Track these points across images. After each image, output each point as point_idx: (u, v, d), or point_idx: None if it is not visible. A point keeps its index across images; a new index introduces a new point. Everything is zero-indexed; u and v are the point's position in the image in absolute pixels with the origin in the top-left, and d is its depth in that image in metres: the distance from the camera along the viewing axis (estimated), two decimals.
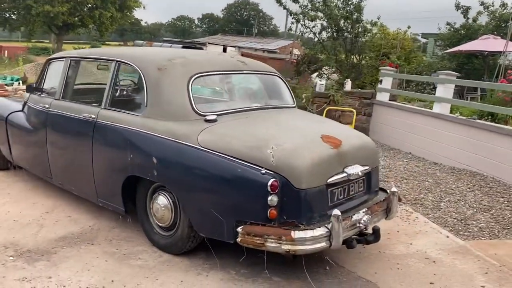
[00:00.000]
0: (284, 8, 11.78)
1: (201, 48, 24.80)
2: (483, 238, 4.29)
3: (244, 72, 4.08)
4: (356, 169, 3.34)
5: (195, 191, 3.28)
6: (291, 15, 11.76)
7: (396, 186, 5.69)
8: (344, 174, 3.27)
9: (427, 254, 3.84)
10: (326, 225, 3.02)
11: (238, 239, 3.06)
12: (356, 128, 10.17)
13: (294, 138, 3.30)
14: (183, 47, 19.84)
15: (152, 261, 3.49)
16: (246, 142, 3.20)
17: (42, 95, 4.76)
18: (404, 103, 10.16)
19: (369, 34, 12.00)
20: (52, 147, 4.43)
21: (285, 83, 4.43)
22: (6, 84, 11.73)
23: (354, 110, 8.19)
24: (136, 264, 3.43)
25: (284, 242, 2.93)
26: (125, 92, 4.09)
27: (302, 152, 3.12)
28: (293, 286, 3.22)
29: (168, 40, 29.74)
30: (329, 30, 11.80)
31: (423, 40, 25.91)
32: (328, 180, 3.16)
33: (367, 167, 3.52)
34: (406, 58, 17.12)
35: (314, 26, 11.89)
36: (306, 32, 12.11)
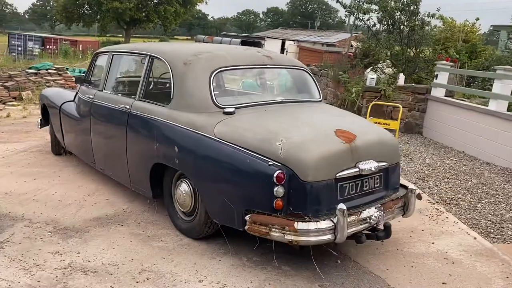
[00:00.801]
0: (337, 1, 11.62)
1: (259, 43, 25.46)
2: None
3: (268, 66, 4.17)
4: (369, 165, 3.33)
5: (209, 179, 3.45)
6: (344, 8, 11.58)
7: (434, 185, 5.56)
8: (356, 169, 3.28)
9: (448, 254, 3.74)
10: (331, 219, 3.06)
11: (246, 227, 3.18)
12: (408, 124, 9.91)
13: (305, 132, 3.36)
14: (241, 42, 20.47)
15: (172, 244, 3.71)
16: (257, 134, 3.31)
17: (89, 86, 5.15)
18: (460, 100, 9.70)
19: (427, 27, 11.50)
20: (95, 134, 4.81)
21: (312, 77, 4.47)
22: (74, 76, 12.64)
23: (400, 106, 7.96)
24: (157, 246, 3.67)
25: (288, 232, 3.02)
26: (157, 85, 4.33)
27: (310, 146, 3.18)
28: (300, 276, 3.29)
29: (228, 35, 30.38)
30: (384, 22, 11.48)
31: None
32: (337, 174, 3.19)
33: (383, 163, 3.50)
34: (472, 52, 16.24)
35: (368, 19, 11.63)
36: (361, 25, 11.86)
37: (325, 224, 3.04)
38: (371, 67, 12.73)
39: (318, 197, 3.12)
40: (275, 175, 3.03)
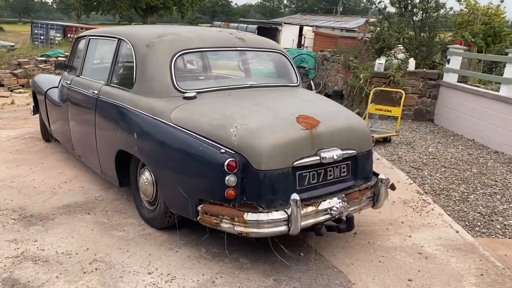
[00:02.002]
0: None
1: (276, 29, 25.05)
2: (501, 237, 3.80)
3: (238, 48, 3.96)
4: (332, 153, 3.11)
5: (165, 167, 3.31)
6: None
7: (429, 175, 5.27)
8: (317, 158, 3.07)
9: (423, 249, 3.50)
10: (286, 209, 2.88)
11: (198, 218, 3.03)
12: (418, 111, 9.52)
13: (264, 118, 3.16)
14: (258, 28, 20.24)
15: (133, 234, 3.60)
16: (213, 120, 3.13)
17: (70, 72, 5.07)
18: (474, 85, 9.22)
19: (442, 9, 10.96)
20: (72, 121, 4.73)
21: (289, 60, 4.24)
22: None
23: (403, 92, 7.59)
24: (117, 235, 3.57)
25: (237, 223, 2.85)
26: (124, 70, 4.19)
27: (265, 132, 2.98)
28: (256, 269, 3.13)
29: (244, 21, 29.99)
30: (396, 5, 11.01)
31: None
32: (295, 163, 2.99)
33: (351, 151, 3.28)
34: (495, 36, 15.46)
35: (380, 2, 11.18)
36: (372, 8, 11.40)
37: (277, 215, 2.86)
38: (384, 52, 12.29)
39: (272, 186, 2.93)
40: (226, 163, 2.85)
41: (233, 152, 2.93)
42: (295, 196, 2.85)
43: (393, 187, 3.68)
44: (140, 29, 4.46)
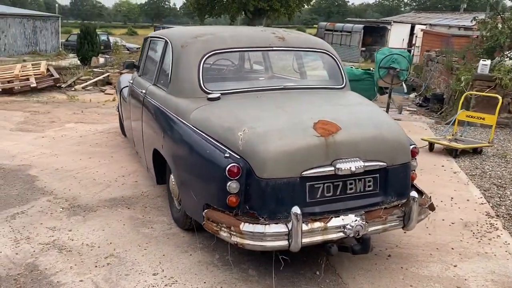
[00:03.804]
0: None
1: (384, 28, 23.95)
2: None
3: (274, 48, 3.76)
4: (350, 164, 2.78)
5: (181, 168, 3.27)
6: None
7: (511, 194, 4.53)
8: (331, 168, 2.77)
9: (465, 283, 2.97)
10: (287, 223, 2.64)
11: (203, 223, 2.94)
12: None
13: (277, 122, 2.93)
14: (364, 28, 19.61)
15: (158, 232, 3.64)
16: (225, 122, 3.01)
17: (136, 71, 5.33)
18: None
19: None
20: (132, 118, 4.97)
21: (336, 61, 3.92)
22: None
23: (499, 97, 6.60)
24: (143, 232, 3.64)
25: (234, 233, 2.70)
26: (166, 70, 4.24)
27: (271, 137, 2.77)
28: (262, 283, 2.94)
29: (351, 21, 29.03)
30: None
31: None
32: (304, 173, 2.73)
33: (378, 163, 2.90)
34: None
35: None
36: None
37: (276, 228, 2.65)
38: (497, 53, 10.93)
39: (276, 197, 2.71)
40: (227, 168, 2.72)
41: (239, 157, 2.78)
42: (295, 209, 2.60)
43: (432, 207, 3.19)
44: (186, 30, 4.50)
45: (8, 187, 4.53)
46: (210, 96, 3.34)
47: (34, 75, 10.77)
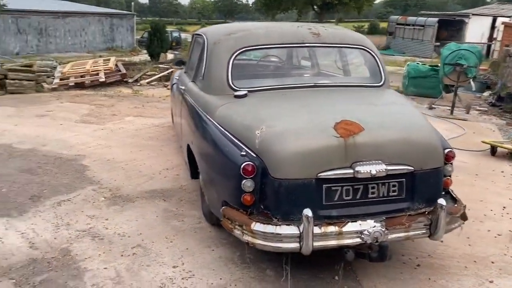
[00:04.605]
0: None
1: (461, 21, 22.55)
2: None
3: (307, 45, 3.67)
4: (371, 167, 2.65)
5: (205, 165, 3.31)
6: None
7: None
8: (349, 171, 2.65)
9: None
10: (299, 225, 2.58)
11: (221, 220, 2.95)
12: None
13: (297, 121, 2.86)
14: (438, 21, 18.68)
15: (187, 225, 3.71)
16: (245, 120, 3.00)
17: (183, 67, 5.48)
18: None
19: None
20: (175, 113, 5.12)
21: (375, 57, 3.74)
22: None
23: None
24: (172, 225, 3.73)
25: (246, 232, 2.68)
26: (202, 66, 4.29)
27: (288, 137, 2.71)
28: (277, 284, 2.90)
29: (425, 14, 27.50)
30: None
31: None
32: (320, 174, 2.64)
33: (404, 167, 2.74)
34: None
35: None
36: None
37: (287, 229, 2.59)
38: None
39: (290, 197, 2.66)
40: (242, 166, 2.70)
41: (255, 155, 2.75)
42: (307, 211, 2.53)
43: (464, 217, 2.94)
44: (223, 26, 4.51)
45: (61, 176, 4.85)
46: (236, 93, 3.34)
47: (104, 70, 11.43)
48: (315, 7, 27.34)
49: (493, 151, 5.94)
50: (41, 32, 21.60)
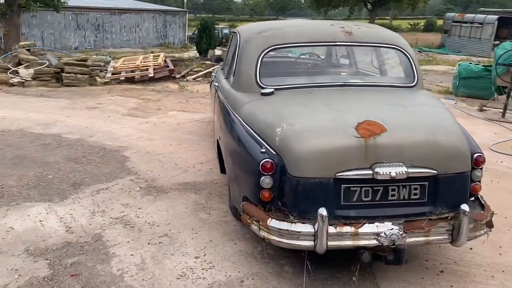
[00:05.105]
0: None
1: None
2: None
3: (338, 43, 3.64)
4: (391, 169, 2.62)
5: (229, 160, 3.38)
6: None
7: None
8: (369, 172, 2.64)
9: None
10: (314, 224, 2.60)
11: (240, 215, 3.02)
12: None
13: (318, 120, 2.87)
14: (499, 19, 17.92)
15: (213, 218, 3.82)
16: (268, 118, 3.04)
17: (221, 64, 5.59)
18: None
19: None
20: (212, 109, 5.24)
21: (408, 57, 3.65)
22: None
23: None
24: (200, 217, 3.84)
25: (262, 227, 2.73)
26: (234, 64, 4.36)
27: (307, 136, 2.73)
28: (294, 280, 2.93)
29: (484, 11, 26.14)
30: None
31: None
32: (338, 174, 2.65)
33: (427, 170, 2.68)
34: None
35: None
36: None
37: (302, 227, 2.62)
38: None
39: (307, 196, 2.68)
40: (261, 163, 2.75)
41: (275, 153, 2.79)
42: (322, 210, 2.54)
43: (490, 224, 2.83)
44: (257, 25, 4.55)
45: (103, 165, 5.12)
46: (263, 91, 3.39)
47: (153, 66, 11.83)
48: (368, 4, 26.75)
49: None
50: (98, 28, 22.64)
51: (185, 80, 12.09)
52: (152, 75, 11.38)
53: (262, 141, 2.92)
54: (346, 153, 2.66)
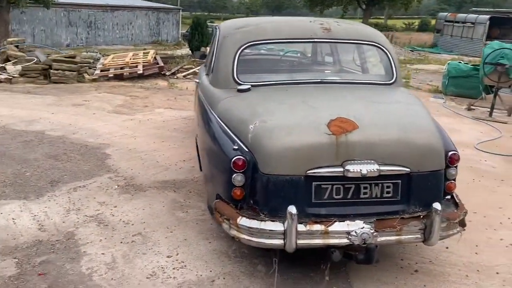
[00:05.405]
0: None
1: None
2: None
3: (316, 40, 3.59)
4: (362, 167, 2.57)
5: (204, 158, 3.33)
6: None
7: None
8: (339, 169, 2.59)
9: None
10: (284, 222, 2.55)
11: (213, 213, 2.97)
12: None
13: (291, 117, 2.82)
14: (490, 19, 17.97)
15: (190, 217, 3.76)
16: (242, 114, 2.99)
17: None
18: None
19: None
20: (194, 105, 5.19)
21: (387, 54, 3.61)
22: None
23: None
24: (177, 215, 3.79)
25: (232, 226, 2.68)
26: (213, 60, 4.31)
27: (279, 132, 2.68)
28: (266, 280, 2.89)
29: (476, 11, 26.22)
30: None
31: None
32: (309, 172, 2.60)
33: (399, 168, 2.65)
34: None
35: None
36: None
37: (272, 226, 2.57)
38: None
39: (277, 193, 2.63)
40: (232, 160, 2.70)
41: (247, 150, 2.75)
42: (291, 208, 2.50)
43: (463, 223, 2.80)
44: (237, 20, 4.50)
45: (83, 163, 5.05)
46: (239, 87, 3.34)
47: (142, 63, 11.74)
48: (362, 3, 26.69)
49: None
50: (90, 25, 22.48)
51: (175, 77, 12.00)
52: (141, 72, 11.28)
53: (235, 138, 2.87)
54: (317, 150, 2.61)
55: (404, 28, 49.79)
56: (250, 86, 3.33)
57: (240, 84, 3.37)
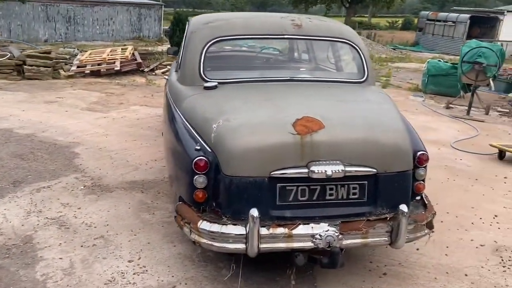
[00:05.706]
0: None
1: (495, 19, 21.80)
2: None
3: (286, 36, 3.49)
4: (327, 167, 2.48)
5: (167, 157, 3.21)
6: None
7: None
8: (304, 170, 2.50)
9: None
10: (246, 226, 2.45)
11: (175, 216, 2.85)
12: None
13: (256, 116, 2.71)
14: (470, 18, 18.06)
15: (156, 219, 3.63)
16: (206, 113, 2.87)
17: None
18: None
19: None
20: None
21: (359, 51, 3.52)
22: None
23: None
24: (142, 217, 3.66)
25: (193, 230, 2.57)
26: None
27: (242, 132, 2.57)
28: (229, 285, 2.77)
29: (457, 10, 26.53)
30: None
31: None
32: (273, 173, 2.50)
33: (365, 169, 2.56)
34: None
35: None
36: None
37: (233, 229, 2.47)
38: None
39: (240, 196, 2.53)
40: (194, 161, 2.58)
41: (210, 150, 2.63)
42: (253, 211, 2.39)
43: (430, 225, 2.73)
44: (207, 15, 4.37)
45: (49, 162, 4.87)
46: (206, 84, 3.22)
47: (120, 59, 11.50)
48: (345, 2, 26.71)
49: (501, 155, 5.61)
50: (69, 20, 21.98)
51: (154, 74, 11.80)
52: (118, 68, 11.05)
53: (199, 138, 2.75)
54: (282, 151, 2.51)
55: (388, 27, 50.12)
56: (217, 83, 3.21)
57: (206, 81, 3.25)
